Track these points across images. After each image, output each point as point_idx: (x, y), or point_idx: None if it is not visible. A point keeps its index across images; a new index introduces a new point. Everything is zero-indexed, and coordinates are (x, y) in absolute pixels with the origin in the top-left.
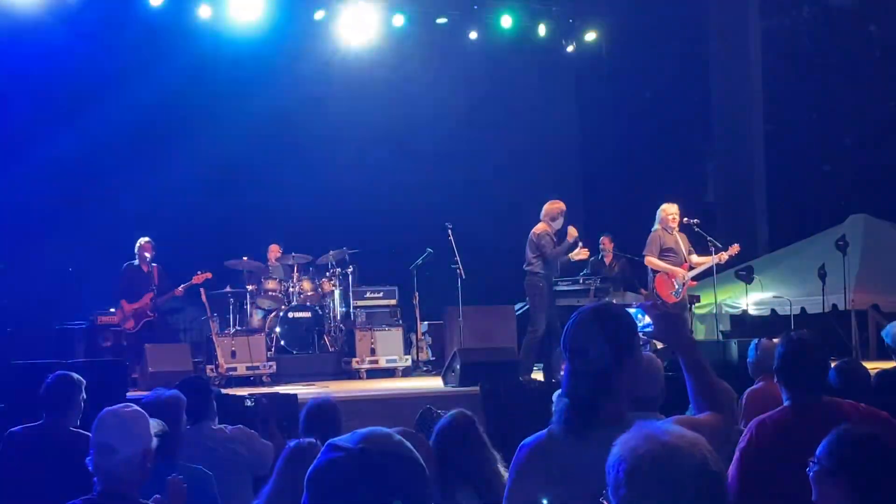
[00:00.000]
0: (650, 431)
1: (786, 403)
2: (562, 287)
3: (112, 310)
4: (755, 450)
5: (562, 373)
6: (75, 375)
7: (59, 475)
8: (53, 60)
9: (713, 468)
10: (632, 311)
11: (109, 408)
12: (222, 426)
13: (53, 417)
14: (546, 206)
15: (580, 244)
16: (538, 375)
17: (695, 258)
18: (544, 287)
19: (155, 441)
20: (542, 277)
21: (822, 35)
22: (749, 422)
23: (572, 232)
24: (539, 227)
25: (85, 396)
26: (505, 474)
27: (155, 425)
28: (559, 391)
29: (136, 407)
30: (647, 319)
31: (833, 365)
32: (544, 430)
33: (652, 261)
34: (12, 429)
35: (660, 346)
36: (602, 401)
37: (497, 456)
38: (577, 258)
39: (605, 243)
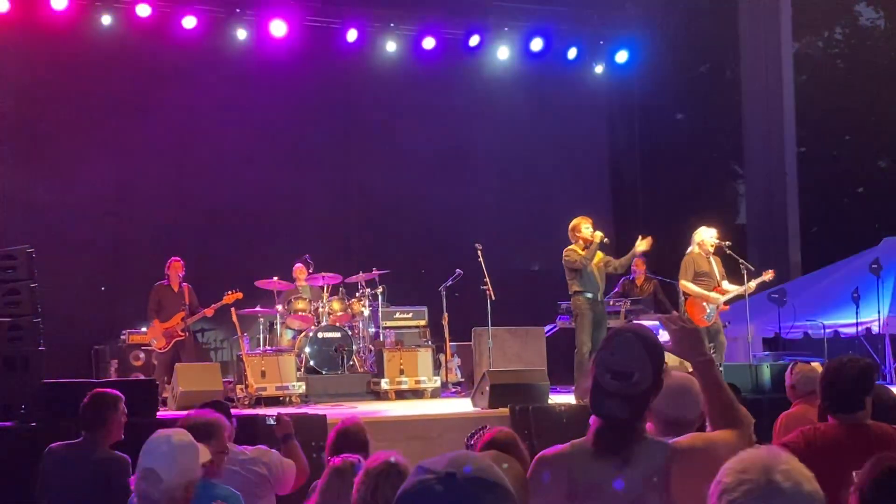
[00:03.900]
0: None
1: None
2: None
3: (143, 329)
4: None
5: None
6: (110, 393)
7: (92, 494)
8: (89, 81)
9: None
10: (652, 323)
11: (164, 431)
12: (243, 448)
13: (89, 436)
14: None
15: (601, 239)
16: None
17: (726, 285)
18: (583, 305)
19: (200, 472)
20: (580, 295)
21: (855, 56)
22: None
23: (594, 236)
24: (566, 248)
25: (125, 410)
26: None
27: (203, 455)
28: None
29: (188, 436)
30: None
31: None
32: (565, 444)
33: (686, 286)
34: (51, 445)
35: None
36: (638, 421)
37: None
38: (608, 267)
39: (638, 264)
